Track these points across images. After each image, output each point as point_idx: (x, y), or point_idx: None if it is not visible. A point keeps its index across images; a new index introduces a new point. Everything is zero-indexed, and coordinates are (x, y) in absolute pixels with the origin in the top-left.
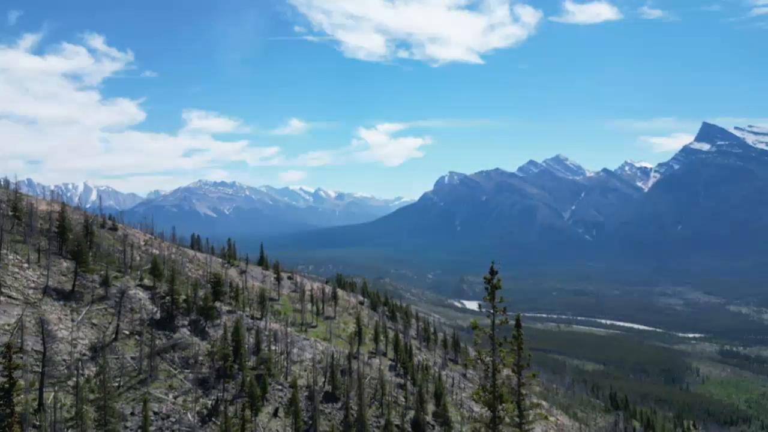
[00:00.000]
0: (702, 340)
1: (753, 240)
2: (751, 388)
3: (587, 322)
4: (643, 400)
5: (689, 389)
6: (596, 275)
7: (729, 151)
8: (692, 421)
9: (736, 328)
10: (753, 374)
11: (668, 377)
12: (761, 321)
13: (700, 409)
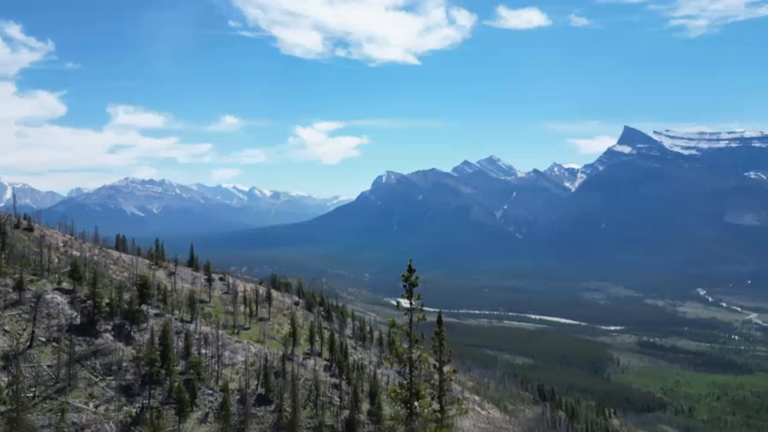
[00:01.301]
0: (622, 332)
1: (669, 238)
2: (666, 377)
3: (518, 317)
4: (568, 391)
5: (610, 379)
6: (526, 272)
7: (648, 153)
8: (612, 409)
9: (653, 320)
10: (668, 363)
11: (591, 368)
12: (675, 313)
13: (619, 398)
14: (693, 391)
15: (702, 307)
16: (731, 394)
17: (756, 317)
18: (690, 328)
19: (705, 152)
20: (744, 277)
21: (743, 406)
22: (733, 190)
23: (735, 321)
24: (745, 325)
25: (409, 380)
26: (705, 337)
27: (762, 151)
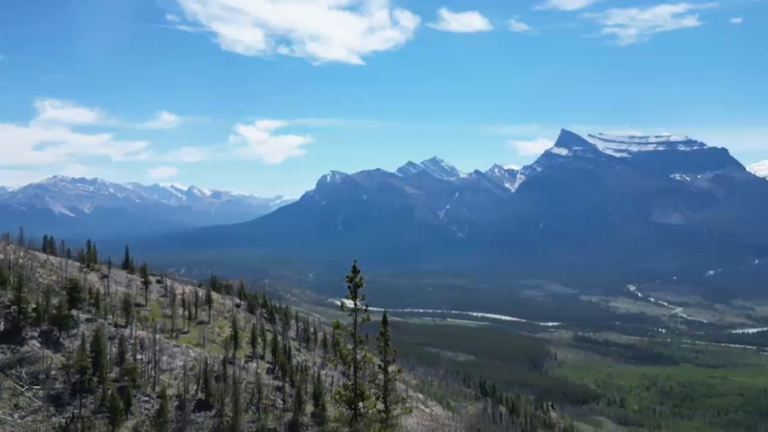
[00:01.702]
0: (559, 328)
1: (602, 237)
2: (600, 369)
3: (461, 315)
4: (509, 386)
5: (548, 373)
6: (469, 271)
7: (583, 156)
8: (551, 402)
9: (588, 315)
10: (601, 357)
11: (531, 363)
12: (608, 309)
13: (557, 391)
14: (624, 382)
15: (632, 302)
16: (659, 385)
17: (681, 311)
18: (621, 323)
19: (635, 155)
20: (670, 274)
21: (670, 396)
22: (660, 191)
23: (662, 315)
24: (671, 318)
25: (353, 381)
26: (635, 330)
27: (686, 154)
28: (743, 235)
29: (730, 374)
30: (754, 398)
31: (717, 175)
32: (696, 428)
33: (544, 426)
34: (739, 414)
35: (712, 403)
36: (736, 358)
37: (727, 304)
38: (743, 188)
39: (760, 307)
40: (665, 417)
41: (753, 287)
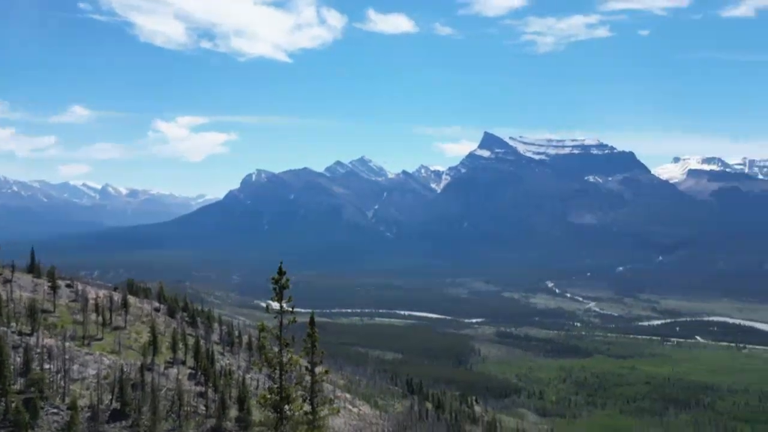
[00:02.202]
0: (483, 324)
1: (522, 236)
2: (521, 364)
3: (388, 314)
4: (435, 383)
5: (472, 369)
6: (396, 270)
7: (504, 158)
8: (475, 397)
9: (510, 312)
10: (522, 351)
11: (456, 360)
12: (528, 305)
13: (481, 386)
14: (543, 375)
15: (550, 298)
16: (575, 376)
17: (594, 305)
18: (540, 318)
19: (552, 158)
20: (584, 270)
21: (585, 386)
22: (575, 192)
23: (577, 310)
24: (585, 313)
25: (279, 384)
26: (553, 325)
27: (599, 157)
28: (649, 234)
29: (638, 364)
30: (660, 386)
31: (625, 178)
32: (608, 416)
33: (469, 420)
34: (646, 401)
35: (622, 391)
36: (643, 348)
37: (635, 298)
38: (648, 190)
39: (664, 300)
40: (580, 407)
41: (658, 282)
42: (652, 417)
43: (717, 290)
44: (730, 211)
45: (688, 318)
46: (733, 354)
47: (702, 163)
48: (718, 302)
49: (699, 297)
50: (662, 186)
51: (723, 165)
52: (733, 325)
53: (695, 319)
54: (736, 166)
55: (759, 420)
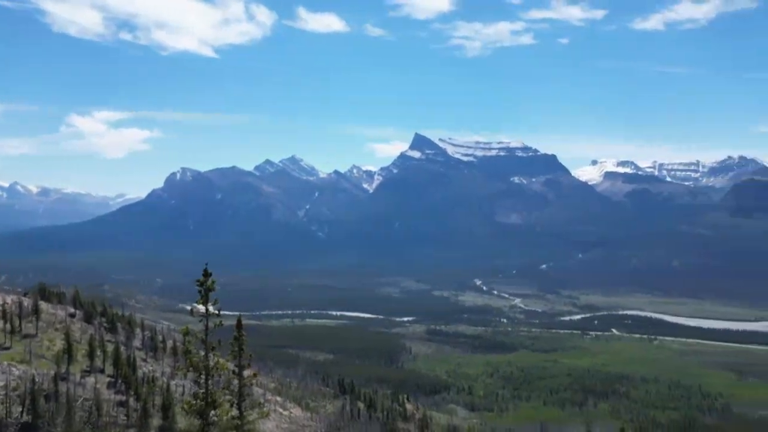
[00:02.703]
0: (413, 323)
1: (452, 235)
2: (450, 360)
3: (320, 315)
4: (367, 382)
5: (403, 367)
6: (328, 270)
7: (434, 159)
8: (406, 395)
9: (440, 310)
10: (452, 348)
11: (387, 358)
12: (458, 302)
13: (412, 383)
14: (471, 371)
15: (478, 295)
16: (501, 371)
17: (520, 302)
18: (469, 315)
19: (480, 159)
20: (510, 268)
21: (511, 380)
22: (502, 193)
23: (504, 306)
24: (511, 309)
25: (204, 389)
26: (481, 322)
27: (523, 159)
28: (569, 232)
29: (560, 357)
30: (580, 377)
31: (548, 179)
32: (533, 408)
33: (401, 418)
34: (568, 392)
35: (545, 384)
36: (565, 342)
37: (557, 294)
38: (569, 191)
39: (584, 296)
40: (507, 400)
41: (578, 279)
42: (573, 407)
43: (631, 285)
44: (641, 211)
45: (605, 312)
46: (646, 345)
47: (617, 166)
48: (632, 297)
49: (615, 292)
50: (581, 187)
51: (636, 168)
52: (645, 318)
53: (611, 313)
54: (647, 169)
55: (668, 407)
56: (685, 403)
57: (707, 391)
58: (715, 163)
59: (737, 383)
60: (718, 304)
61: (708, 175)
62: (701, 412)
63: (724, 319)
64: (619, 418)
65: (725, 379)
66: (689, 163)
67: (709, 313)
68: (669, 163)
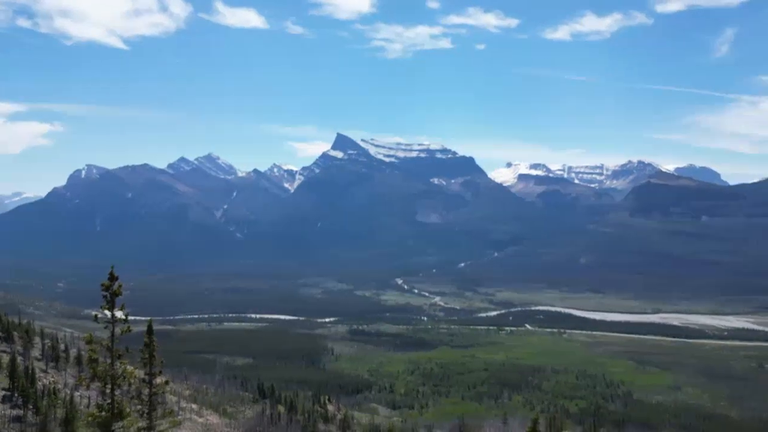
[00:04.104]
0: (336, 323)
1: (374, 235)
2: (372, 359)
3: (239, 318)
4: (287, 385)
5: (326, 368)
6: (249, 272)
7: (357, 159)
8: (328, 396)
9: (362, 309)
10: (374, 347)
11: (309, 360)
12: (380, 302)
13: (334, 384)
14: (393, 369)
15: (400, 294)
16: (422, 368)
17: (439, 300)
18: (391, 314)
19: (401, 160)
20: (430, 267)
21: (431, 377)
22: (422, 193)
23: (424, 304)
24: (431, 307)
25: (110, 400)
26: (402, 320)
27: (443, 161)
28: (486, 232)
29: (478, 352)
30: (496, 371)
31: (466, 180)
32: (453, 403)
33: (323, 420)
34: (485, 386)
35: (463, 379)
36: (482, 337)
37: (474, 292)
38: (486, 192)
39: (500, 292)
40: (427, 396)
41: (494, 276)
42: (490, 400)
43: (542, 282)
44: (552, 211)
45: (519, 308)
46: (556, 338)
47: (530, 168)
48: (543, 292)
49: (528, 288)
50: (497, 188)
51: (547, 171)
52: (556, 313)
53: (525, 308)
54: (557, 172)
55: (576, 396)
56: (591, 392)
57: (611, 380)
58: (617, 166)
59: (636, 371)
60: (619, 298)
61: (611, 177)
62: (605, 400)
63: (625, 311)
64: (533, 409)
65: (626, 367)
66: (594, 166)
67: (611, 307)
68: (577, 166)
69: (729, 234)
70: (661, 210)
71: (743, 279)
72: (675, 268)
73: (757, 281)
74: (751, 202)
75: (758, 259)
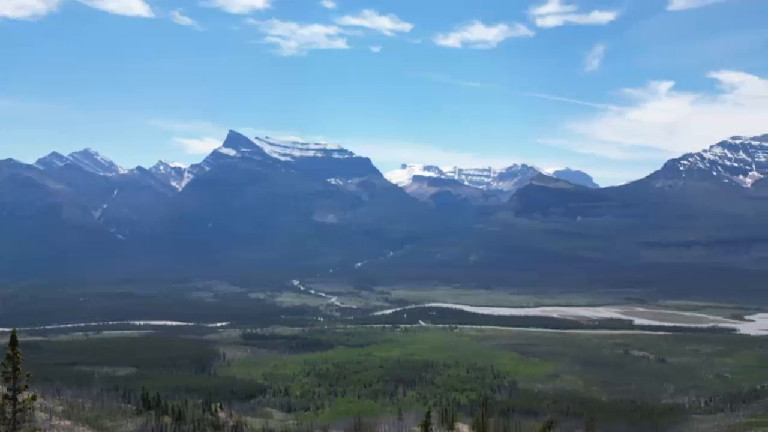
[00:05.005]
0: (228, 327)
1: (270, 236)
2: (267, 363)
3: (121, 325)
4: (175, 394)
5: (217, 374)
6: (132, 276)
7: (251, 157)
8: (219, 403)
9: (256, 312)
10: (268, 350)
11: (199, 367)
12: (274, 304)
13: (225, 390)
14: (288, 371)
15: (296, 295)
16: (318, 369)
17: (336, 300)
18: (286, 316)
19: (298, 159)
20: (327, 267)
21: (327, 377)
22: (319, 193)
23: (321, 305)
24: (327, 307)
25: None
26: (298, 322)
27: (340, 161)
28: (382, 231)
29: (374, 351)
30: (391, 368)
31: (363, 181)
32: (349, 402)
33: (213, 427)
34: (380, 383)
35: (360, 378)
36: (377, 336)
37: (371, 291)
38: (381, 192)
39: (395, 291)
40: (323, 397)
41: (390, 275)
42: (385, 397)
43: (435, 279)
44: (444, 212)
45: (413, 305)
46: (448, 334)
47: (423, 170)
48: (436, 290)
49: (422, 286)
50: (393, 189)
51: (439, 172)
52: (447, 309)
53: (419, 305)
54: (449, 174)
55: (467, 388)
56: (480, 384)
57: (498, 371)
58: (503, 169)
59: (521, 362)
60: (506, 293)
61: (498, 179)
62: (493, 391)
63: (510, 306)
64: (426, 404)
65: (511, 359)
66: (483, 169)
67: (499, 302)
68: (467, 168)
69: (600, 233)
70: (542, 211)
71: (612, 273)
72: (554, 264)
73: (624, 275)
74: (619, 203)
75: (625, 256)
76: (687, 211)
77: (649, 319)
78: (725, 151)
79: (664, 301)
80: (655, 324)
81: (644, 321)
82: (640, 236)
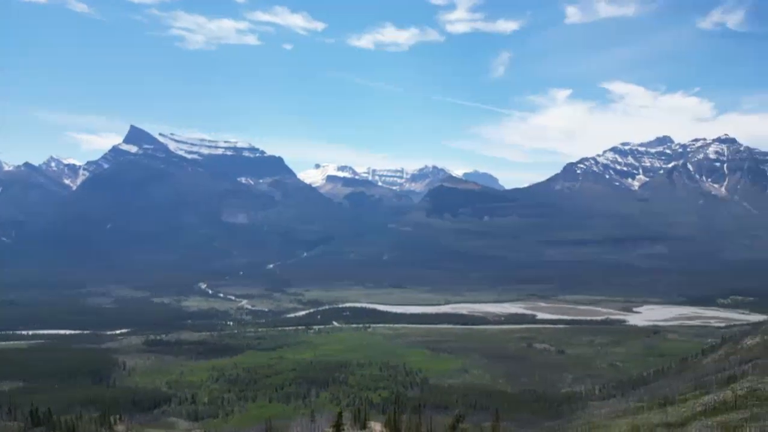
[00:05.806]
0: (129, 335)
1: (175, 237)
2: (172, 370)
3: (5, 336)
4: (69, 408)
5: (116, 384)
6: (17, 282)
7: (154, 154)
8: (118, 415)
9: (160, 317)
10: (173, 357)
11: (96, 377)
12: (180, 308)
13: (126, 401)
14: (195, 378)
15: (203, 299)
16: (227, 374)
17: (246, 303)
18: (193, 321)
19: (206, 157)
20: (237, 269)
21: (237, 383)
22: (228, 192)
23: (230, 309)
24: (238, 311)
25: None
26: (206, 326)
27: (251, 160)
28: (295, 232)
29: (286, 353)
30: (304, 370)
31: (275, 180)
32: (260, 407)
33: None
34: (293, 386)
35: (271, 381)
36: (290, 338)
37: (283, 292)
38: (295, 192)
39: (308, 292)
40: (233, 403)
41: (303, 276)
42: (297, 400)
43: (349, 279)
44: (358, 212)
45: (327, 306)
46: (361, 333)
47: (337, 170)
48: (350, 290)
49: (335, 286)
50: (306, 189)
51: (353, 173)
52: (361, 309)
53: (333, 306)
54: (363, 174)
55: (380, 387)
56: (393, 382)
57: (410, 368)
58: (415, 170)
59: (432, 358)
60: (418, 292)
61: (410, 180)
62: (405, 388)
63: (422, 304)
64: (339, 404)
65: (423, 356)
66: (396, 170)
67: (411, 300)
68: (380, 169)
69: (505, 232)
70: (451, 211)
71: (517, 271)
72: (463, 262)
73: (527, 272)
74: (522, 204)
75: (528, 254)
76: (583, 211)
77: (550, 313)
78: (616, 156)
79: (564, 296)
80: (555, 318)
81: (546, 315)
82: (543, 235)
